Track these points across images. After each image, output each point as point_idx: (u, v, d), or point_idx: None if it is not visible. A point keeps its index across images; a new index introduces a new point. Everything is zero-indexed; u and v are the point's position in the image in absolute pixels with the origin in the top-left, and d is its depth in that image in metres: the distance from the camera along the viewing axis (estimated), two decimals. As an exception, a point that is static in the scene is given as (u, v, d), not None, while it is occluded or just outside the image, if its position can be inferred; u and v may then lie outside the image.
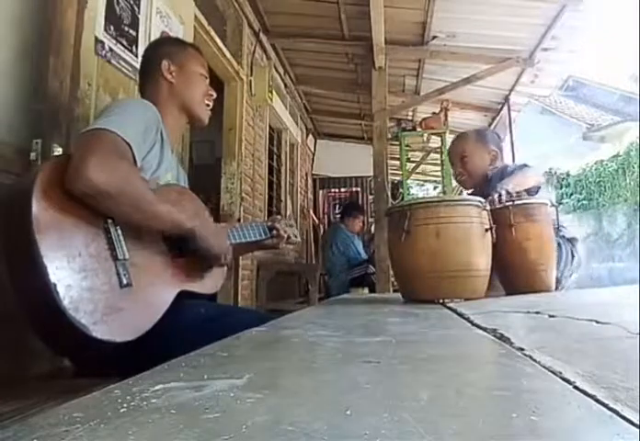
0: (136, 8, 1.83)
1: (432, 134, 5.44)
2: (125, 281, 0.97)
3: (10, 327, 0.99)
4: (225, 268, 1.33)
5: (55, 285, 0.84)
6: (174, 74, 1.30)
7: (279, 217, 1.49)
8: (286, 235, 1.44)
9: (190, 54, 1.38)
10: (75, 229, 0.93)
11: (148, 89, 1.33)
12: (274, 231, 1.42)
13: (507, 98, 4.86)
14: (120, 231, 0.99)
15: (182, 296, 1.11)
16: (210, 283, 1.24)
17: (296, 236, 1.54)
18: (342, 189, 7.61)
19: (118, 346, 0.92)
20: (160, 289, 1.06)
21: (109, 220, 0.98)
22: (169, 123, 1.28)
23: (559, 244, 1.73)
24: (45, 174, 0.91)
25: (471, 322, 0.85)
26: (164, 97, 1.29)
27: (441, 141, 5.38)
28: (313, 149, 7.32)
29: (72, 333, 0.86)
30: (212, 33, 3.09)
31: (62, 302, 0.84)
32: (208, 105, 1.38)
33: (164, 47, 1.39)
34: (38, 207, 0.87)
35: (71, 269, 0.88)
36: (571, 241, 1.86)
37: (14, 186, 1.01)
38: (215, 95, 1.40)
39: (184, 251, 1.18)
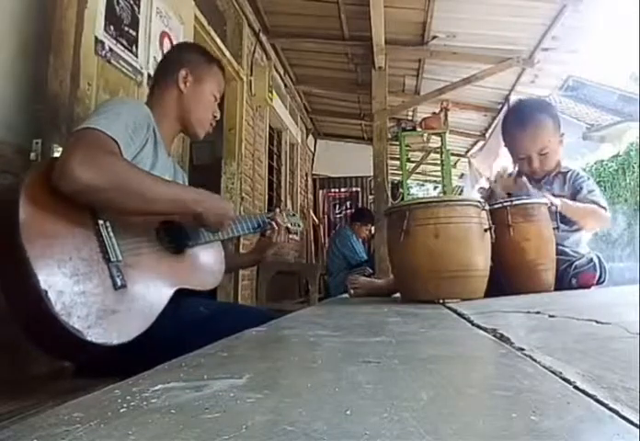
0: (136, 8, 1.83)
1: (432, 134, 5.44)
2: (119, 283, 0.96)
3: (10, 327, 0.99)
4: (223, 265, 1.32)
5: (46, 292, 0.83)
6: (187, 85, 1.28)
7: (277, 210, 1.47)
8: (284, 226, 1.43)
9: (212, 72, 1.35)
10: (65, 233, 0.92)
11: (158, 89, 1.32)
12: (271, 223, 1.40)
13: (507, 98, 4.86)
14: (111, 233, 0.98)
15: (181, 293, 1.11)
16: (208, 279, 1.24)
17: (299, 225, 1.52)
18: (342, 189, 7.61)
19: (116, 347, 0.92)
20: (156, 289, 1.06)
21: (100, 222, 0.97)
22: (165, 127, 1.26)
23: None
24: (31, 179, 0.90)
25: (471, 322, 0.85)
26: (169, 103, 1.28)
27: (441, 141, 5.38)
28: (313, 149, 7.32)
29: (67, 338, 0.86)
30: (212, 33, 3.09)
31: (54, 308, 0.83)
32: (211, 124, 1.36)
33: (189, 54, 1.35)
34: (25, 213, 0.86)
35: (62, 274, 0.87)
36: None
37: (1, 192, 1.00)
38: (219, 116, 1.39)
39: (179, 247, 1.17)
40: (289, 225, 1.48)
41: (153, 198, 1.01)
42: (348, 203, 7.56)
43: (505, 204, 1.50)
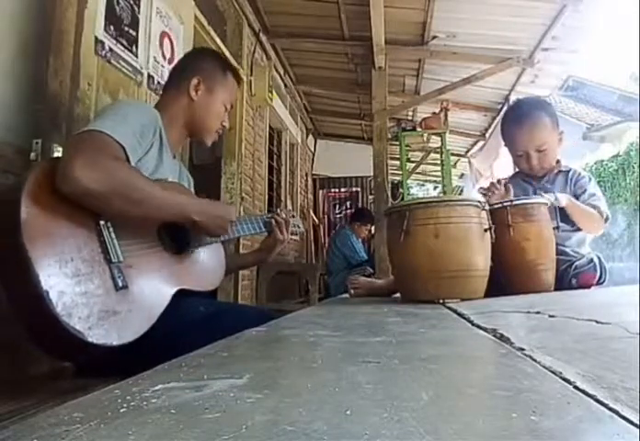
0: (136, 8, 1.83)
1: (432, 134, 5.45)
2: (121, 284, 0.96)
3: (10, 327, 0.99)
4: (224, 265, 1.32)
5: (47, 292, 0.83)
6: (199, 93, 1.28)
7: (278, 210, 1.48)
8: (290, 222, 1.43)
9: (226, 82, 1.34)
10: (67, 233, 0.92)
11: (169, 93, 1.32)
12: (271, 222, 1.40)
13: (507, 98, 4.86)
14: (113, 234, 0.98)
15: (181, 294, 1.11)
16: (209, 280, 1.24)
17: (299, 227, 1.53)
18: (342, 189, 7.62)
19: (117, 348, 0.92)
20: (157, 289, 1.06)
21: (102, 223, 0.97)
22: (173, 131, 1.26)
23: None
24: (33, 179, 0.90)
25: (471, 322, 0.85)
26: (178, 108, 1.28)
27: (441, 141, 5.38)
28: (313, 149, 7.32)
29: (68, 339, 0.86)
30: (212, 33, 3.09)
31: (55, 309, 0.83)
32: (217, 132, 1.36)
33: (204, 62, 1.34)
34: (27, 213, 0.85)
35: (63, 275, 0.87)
36: None
37: (3, 192, 1.00)
38: (228, 125, 1.39)
39: (181, 247, 1.17)
40: (292, 224, 1.48)
41: (154, 207, 1.01)
42: (348, 203, 7.56)
43: (505, 204, 1.51)
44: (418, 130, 5.40)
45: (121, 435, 0.32)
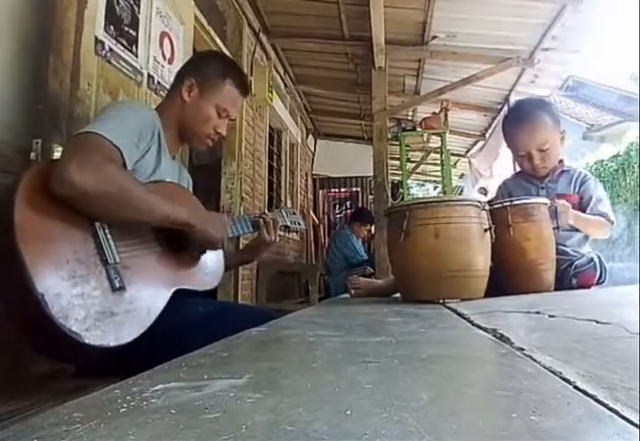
0: (136, 8, 1.83)
1: (432, 134, 5.44)
2: (117, 285, 0.96)
3: (10, 327, 0.99)
4: (223, 265, 1.32)
5: (43, 295, 0.83)
6: (191, 95, 1.27)
7: (266, 211, 1.48)
8: (280, 224, 1.41)
9: (222, 87, 1.30)
10: (62, 235, 0.92)
11: (169, 94, 1.34)
12: (258, 221, 1.38)
13: (507, 98, 4.86)
14: (109, 235, 0.98)
15: (181, 293, 1.11)
16: (207, 279, 1.23)
17: (299, 223, 1.52)
18: (342, 189, 7.62)
19: (116, 348, 0.92)
20: (155, 290, 1.05)
21: (97, 224, 0.97)
22: (170, 133, 1.26)
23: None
24: (27, 180, 0.90)
25: (471, 322, 0.85)
26: (172, 110, 1.28)
27: (441, 141, 5.38)
28: (313, 149, 7.32)
29: (64, 341, 0.85)
30: (212, 33, 3.09)
31: (51, 311, 0.83)
32: (212, 139, 1.32)
33: (204, 64, 1.32)
34: (21, 215, 0.85)
35: (59, 277, 0.87)
36: None
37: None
38: (225, 135, 1.34)
39: (179, 247, 1.17)
40: (288, 223, 1.47)
41: (148, 212, 1.01)
42: (348, 203, 7.56)
43: (505, 204, 1.51)
44: (418, 129, 5.40)
45: (121, 435, 0.32)
